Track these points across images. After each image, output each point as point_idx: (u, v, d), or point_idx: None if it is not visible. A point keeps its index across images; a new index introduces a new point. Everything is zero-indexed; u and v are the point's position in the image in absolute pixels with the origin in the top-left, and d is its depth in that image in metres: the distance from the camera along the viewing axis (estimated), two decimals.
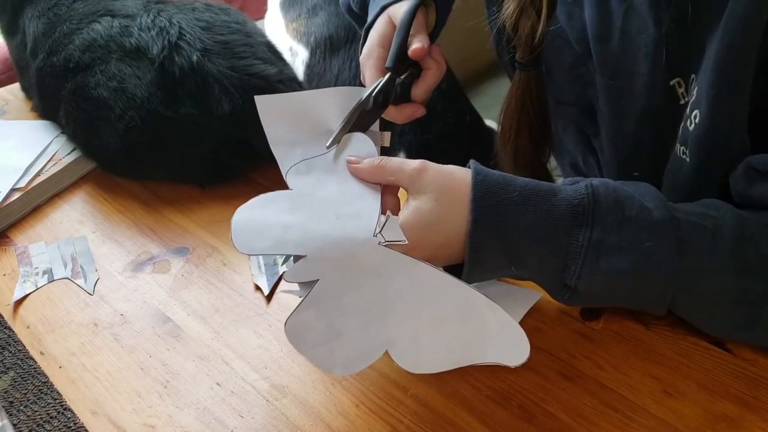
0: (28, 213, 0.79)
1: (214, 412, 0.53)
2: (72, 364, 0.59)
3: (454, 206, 0.50)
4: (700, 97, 0.51)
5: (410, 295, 0.50)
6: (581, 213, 0.49)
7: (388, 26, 0.64)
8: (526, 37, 0.64)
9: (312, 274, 0.49)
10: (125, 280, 0.68)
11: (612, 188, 0.50)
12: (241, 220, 0.51)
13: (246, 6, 1.70)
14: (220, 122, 0.77)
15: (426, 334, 0.50)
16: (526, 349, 0.49)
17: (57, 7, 0.89)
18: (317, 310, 0.49)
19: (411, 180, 0.51)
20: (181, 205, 0.78)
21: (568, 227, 0.49)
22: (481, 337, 0.50)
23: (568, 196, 0.49)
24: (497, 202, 0.49)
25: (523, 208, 0.49)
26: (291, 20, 1.27)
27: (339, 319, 0.50)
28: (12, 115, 0.98)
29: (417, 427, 0.51)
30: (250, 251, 0.50)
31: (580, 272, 0.49)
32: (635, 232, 0.48)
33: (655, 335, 0.56)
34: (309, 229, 0.50)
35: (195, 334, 0.61)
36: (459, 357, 0.51)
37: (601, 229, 0.48)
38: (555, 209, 0.49)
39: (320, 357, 0.50)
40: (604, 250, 0.48)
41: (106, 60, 0.79)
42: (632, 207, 0.49)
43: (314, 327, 0.49)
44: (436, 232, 0.50)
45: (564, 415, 0.50)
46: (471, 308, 0.50)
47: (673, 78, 0.55)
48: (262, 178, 0.81)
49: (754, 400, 0.50)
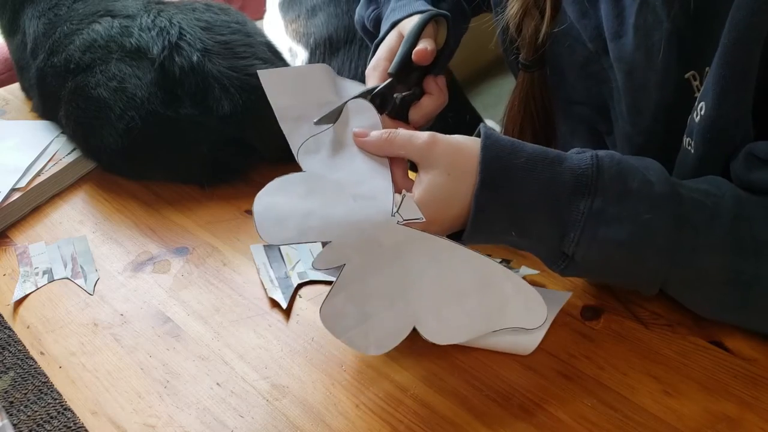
0: (28, 213, 0.79)
1: (214, 412, 0.53)
2: (72, 364, 0.59)
3: (466, 178, 0.51)
4: (706, 89, 0.51)
5: (430, 271, 0.51)
6: (584, 183, 0.49)
7: (396, 40, 0.65)
8: (529, 37, 0.64)
9: (337, 259, 0.51)
10: (125, 280, 0.68)
11: (617, 160, 0.50)
12: (262, 209, 0.52)
13: (245, 6, 1.69)
14: (220, 122, 0.77)
15: (448, 307, 0.52)
16: (543, 311, 0.52)
17: (57, 8, 0.89)
18: (346, 295, 0.51)
19: (421, 153, 0.52)
20: (181, 205, 0.78)
21: (570, 196, 0.50)
22: (500, 303, 0.52)
23: (573, 165, 0.50)
24: (504, 166, 0.50)
25: (528, 174, 0.50)
26: (290, 21, 1.27)
27: (367, 301, 0.51)
28: (12, 115, 0.98)
29: (417, 427, 0.51)
30: (275, 241, 0.52)
31: (578, 240, 0.49)
32: (635, 204, 0.49)
33: (655, 335, 0.56)
34: (328, 214, 0.52)
35: (195, 334, 0.61)
36: (481, 325, 0.53)
37: (603, 200, 0.49)
38: (559, 177, 0.50)
39: (355, 339, 0.52)
40: (603, 219, 0.49)
41: (106, 60, 0.79)
42: (634, 179, 0.50)
43: (345, 311, 0.51)
44: (451, 206, 0.51)
45: (564, 415, 0.50)
46: (488, 277, 0.52)
47: (688, 71, 0.55)
48: (262, 178, 0.80)
49: (754, 400, 0.50)
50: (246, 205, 0.76)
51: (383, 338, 0.52)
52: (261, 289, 0.65)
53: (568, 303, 0.59)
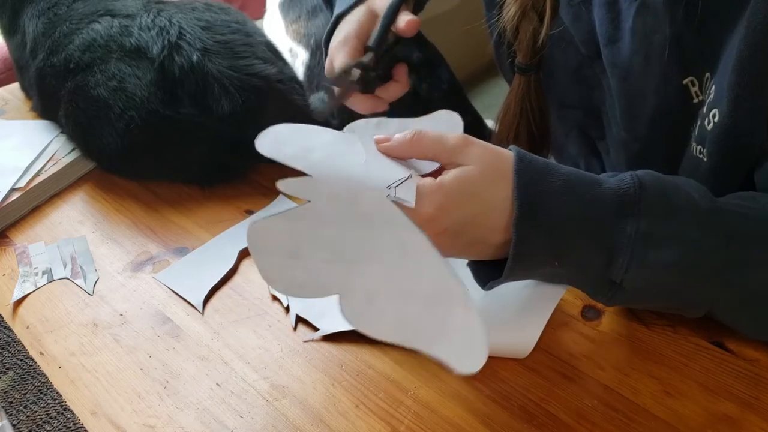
0: (27, 213, 0.79)
1: (213, 412, 0.53)
2: (72, 365, 0.58)
3: (499, 183, 0.47)
4: (719, 95, 0.50)
5: (391, 257, 0.47)
6: (628, 203, 0.46)
7: (367, 17, 0.63)
8: (527, 41, 0.63)
9: (306, 193, 0.47)
10: (125, 280, 0.67)
11: (656, 177, 0.48)
12: (280, 127, 0.50)
13: (246, 6, 1.70)
14: (220, 122, 0.77)
15: (387, 300, 0.47)
16: (479, 360, 0.45)
17: (57, 7, 0.88)
18: (291, 227, 0.47)
19: (453, 152, 0.48)
20: (181, 205, 0.78)
21: (615, 218, 0.46)
22: (438, 329, 0.47)
23: (612, 185, 0.47)
24: (541, 191, 0.46)
25: (568, 197, 0.47)
26: (291, 22, 1.27)
27: (308, 244, 0.47)
28: (11, 115, 0.98)
29: (417, 427, 0.50)
30: (268, 153, 0.49)
31: (627, 265, 0.46)
32: (683, 223, 0.47)
33: (655, 335, 0.56)
34: (332, 155, 0.49)
35: (195, 334, 0.60)
36: (407, 336, 0.47)
37: (649, 220, 0.46)
38: (600, 198, 0.47)
39: (269, 267, 0.48)
40: (652, 241, 0.46)
41: (105, 60, 0.79)
42: (678, 197, 0.47)
43: (279, 240, 0.47)
44: (473, 203, 0.47)
45: (564, 416, 0.50)
46: (444, 296, 0.46)
47: (686, 77, 0.54)
48: (262, 178, 0.81)
49: (755, 401, 0.50)
50: (246, 205, 0.76)
51: (297, 284, 0.48)
52: (261, 290, 0.65)
53: (568, 303, 0.59)
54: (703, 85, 0.53)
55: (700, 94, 0.54)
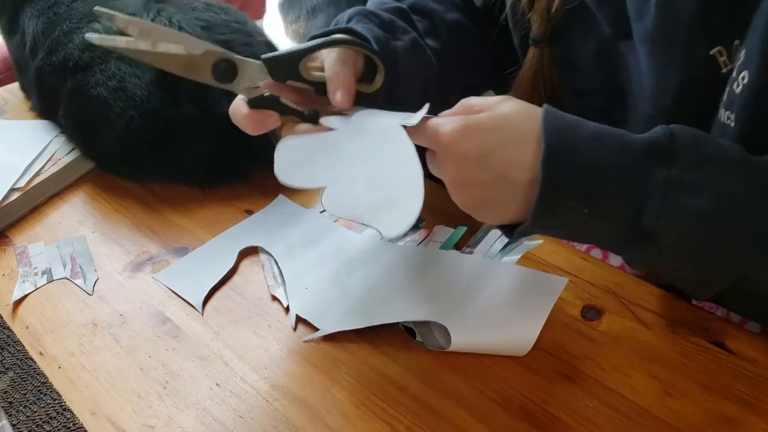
0: (27, 213, 0.79)
1: (213, 412, 0.53)
2: (71, 365, 0.58)
3: (527, 121, 0.48)
4: (749, 56, 0.49)
5: (375, 157, 0.52)
6: (658, 150, 0.46)
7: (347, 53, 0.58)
8: (541, 10, 0.62)
9: (335, 124, 0.55)
10: (124, 280, 0.67)
11: (687, 129, 0.48)
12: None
13: (246, 6, 1.69)
14: (220, 122, 0.77)
15: (356, 192, 0.54)
16: (412, 214, 0.47)
17: (56, 6, 0.88)
18: (311, 143, 0.55)
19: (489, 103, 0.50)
20: (181, 205, 0.78)
21: (645, 165, 0.46)
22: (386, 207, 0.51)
23: (642, 136, 0.48)
24: (570, 135, 0.47)
25: (597, 143, 0.47)
26: (290, 22, 1.27)
27: (319, 157, 0.55)
28: (11, 115, 0.98)
29: (417, 427, 0.50)
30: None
31: (659, 211, 0.46)
32: (714, 171, 0.46)
33: (656, 335, 0.56)
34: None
35: (194, 334, 0.60)
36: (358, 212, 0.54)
37: (680, 167, 0.46)
38: (630, 147, 0.47)
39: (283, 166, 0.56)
40: (684, 187, 0.46)
41: (105, 59, 0.79)
42: (708, 146, 0.47)
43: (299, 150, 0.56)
44: (498, 133, 0.48)
45: (565, 416, 0.50)
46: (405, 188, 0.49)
47: (714, 47, 0.53)
48: (262, 177, 0.81)
49: (755, 401, 0.50)
50: (246, 205, 0.76)
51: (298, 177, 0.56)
52: (261, 290, 0.65)
53: (568, 303, 0.59)
54: (732, 53, 0.52)
55: (728, 63, 0.52)
